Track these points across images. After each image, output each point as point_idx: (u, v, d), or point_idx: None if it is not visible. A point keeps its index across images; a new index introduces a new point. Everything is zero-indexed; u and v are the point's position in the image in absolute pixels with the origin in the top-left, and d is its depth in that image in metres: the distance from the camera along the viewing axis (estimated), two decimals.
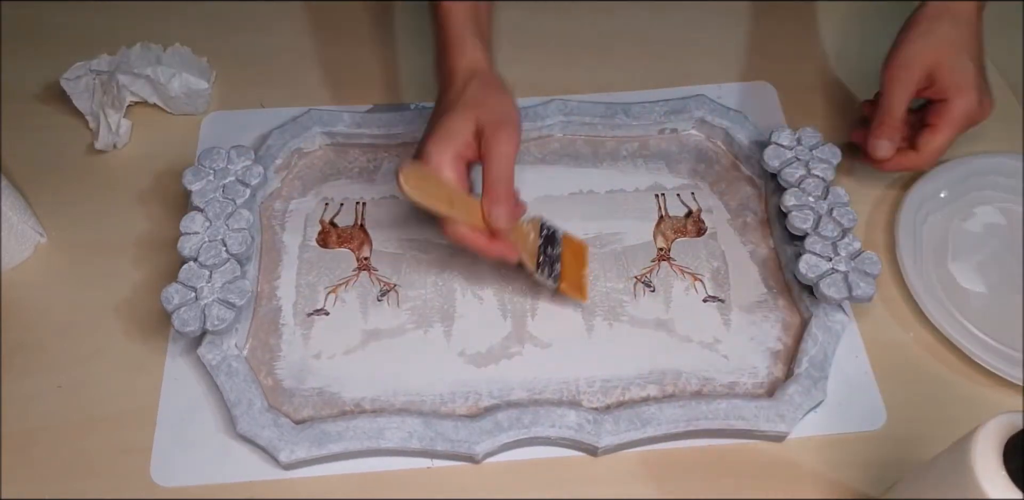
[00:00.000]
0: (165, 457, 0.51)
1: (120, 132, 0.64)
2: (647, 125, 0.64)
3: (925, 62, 0.55)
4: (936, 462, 0.41)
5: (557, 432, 0.50)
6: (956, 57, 0.55)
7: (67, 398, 0.53)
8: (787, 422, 0.50)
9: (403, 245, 0.60)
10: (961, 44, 0.55)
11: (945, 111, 0.55)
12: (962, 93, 0.55)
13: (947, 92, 0.55)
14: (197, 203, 0.56)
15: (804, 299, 0.55)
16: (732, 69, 0.70)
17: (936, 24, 0.55)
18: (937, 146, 0.56)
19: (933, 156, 0.56)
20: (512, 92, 0.53)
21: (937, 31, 0.55)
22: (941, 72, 0.55)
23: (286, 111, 0.65)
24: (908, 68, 0.55)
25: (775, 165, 0.59)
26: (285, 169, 0.63)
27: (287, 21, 0.73)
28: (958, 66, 0.55)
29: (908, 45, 0.56)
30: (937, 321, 0.55)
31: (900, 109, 0.56)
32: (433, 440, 0.50)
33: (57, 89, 0.65)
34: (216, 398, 0.53)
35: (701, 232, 0.60)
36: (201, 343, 0.53)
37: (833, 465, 0.51)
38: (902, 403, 0.53)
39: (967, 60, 0.55)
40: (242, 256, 0.54)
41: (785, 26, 0.73)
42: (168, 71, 0.64)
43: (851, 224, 0.55)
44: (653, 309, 0.57)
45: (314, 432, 0.50)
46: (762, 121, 0.65)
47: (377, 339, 0.56)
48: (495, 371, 0.54)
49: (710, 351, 0.55)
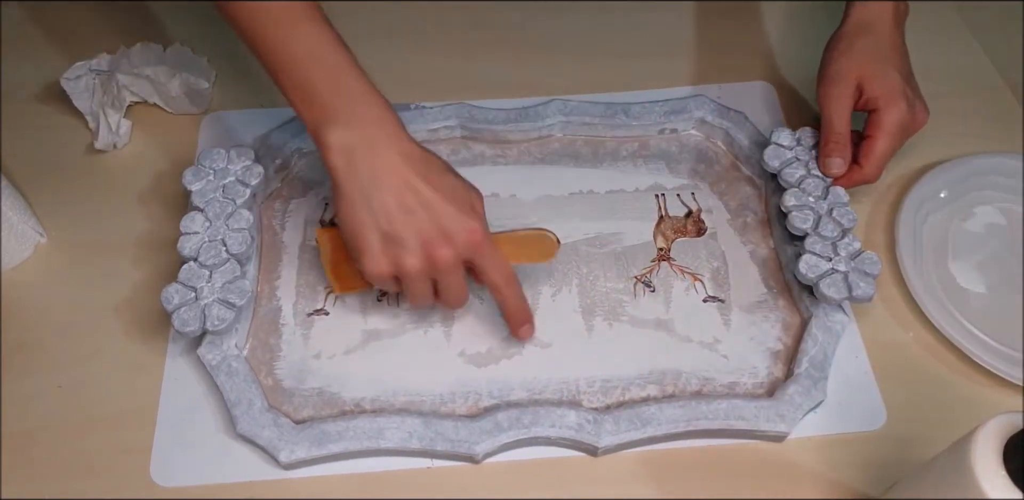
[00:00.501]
0: (165, 457, 0.51)
1: (120, 132, 0.64)
2: (647, 125, 0.64)
3: (852, 76, 0.57)
4: (936, 462, 0.41)
5: (557, 432, 0.50)
6: (879, 68, 0.57)
7: (67, 398, 0.53)
8: (787, 422, 0.50)
9: None
10: (883, 56, 0.57)
11: (877, 121, 0.56)
12: (891, 102, 0.56)
13: (876, 102, 0.56)
14: (197, 203, 0.56)
15: (804, 299, 0.55)
16: (732, 69, 0.70)
17: (855, 40, 0.58)
18: (877, 156, 0.57)
19: (877, 167, 0.57)
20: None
21: (857, 46, 0.58)
22: (867, 83, 0.57)
23: (286, 111, 0.65)
24: (838, 83, 0.57)
25: (775, 165, 0.59)
26: (285, 169, 0.63)
27: None
28: (881, 76, 0.56)
29: (833, 62, 0.58)
30: (937, 321, 0.55)
31: (843, 124, 0.57)
32: (433, 440, 0.50)
33: (57, 89, 0.65)
34: (216, 398, 0.53)
35: (701, 232, 0.60)
36: (201, 343, 0.53)
37: (833, 465, 0.51)
38: (902, 403, 0.53)
39: (891, 71, 0.57)
40: (242, 256, 0.54)
41: (785, 26, 0.74)
42: (168, 71, 0.64)
43: (851, 224, 0.55)
44: (653, 309, 0.57)
45: (314, 432, 0.50)
46: (762, 121, 0.65)
47: (377, 339, 0.56)
48: (495, 371, 0.54)
49: (710, 351, 0.55)
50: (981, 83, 0.69)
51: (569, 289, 0.58)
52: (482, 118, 0.64)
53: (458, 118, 0.64)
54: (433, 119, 0.64)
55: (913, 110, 0.57)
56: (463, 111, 0.64)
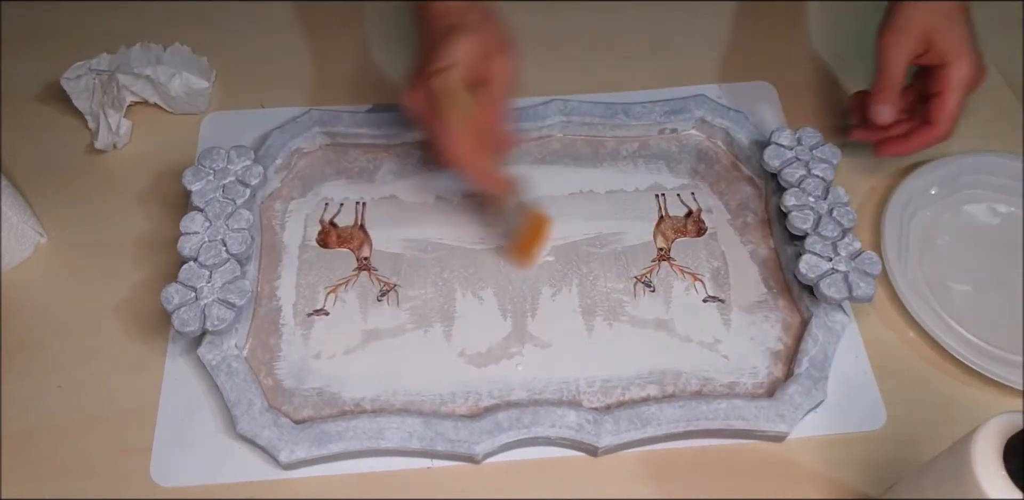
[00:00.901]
0: (165, 457, 0.51)
1: (120, 132, 0.64)
2: (647, 125, 0.64)
3: (921, 26, 0.55)
4: (936, 462, 0.41)
5: (557, 432, 0.50)
6: (951, 21, 0.55)
7: (67, 398, 0.53)
8: (787, 422, 0.50)
9: (403, 245, 0.60)
10: (953, 9, 0.55)
11: (946, 76, 0.55)
12: (961, 56, 0.54)
13: (946, 56, 0.55)
14: (197, 203, 0.56)
15: (804, 299, 0.55)
16: (732, 69, 0.70)
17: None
18: (950, 112, 0.55)
19: (950, 124, 0.56)
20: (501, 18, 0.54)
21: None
22: (938, 36, 0.55)
23: (286, 111, 0.65)
24: (904, 33, 0.55)
25: (775, 165, 0.59)
26: (285, 169, 0.62)
27: (287, 21, 0.73)
28: (954, 30, 0.55)
29: (902, 11, 0.56)
30: (920, 318, 0.55)
31: (899, 73, 0.56)
32: (433, 440, 0.50)
33: (57, 89, 0.65)
34: (216, 398, 0.53)
35: (701, 232, 0.60)
36: (201, 343, 0.53)
37: (833, 465, 0.51)
38: (902, 403, 0.53)
39: (962, 23, 0.55)
40: (242, 256, 0.54)
41: (785, 26, 0.73)
42: (168, 70, 0.64)
43: (851, 224, 0.55)
44: (653, 309, 0.57)
45: (314, 432, 0.50)
46: (762, 121, 0.65)
47: (377, 339, 0.56)
48: (495, 371, 0.54)
49: (710, 351, 0.55)
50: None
51: (569, 289, 0.58)
52: None
53: None
54: None
55: (980, 66, 0.55)
56: None
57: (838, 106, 0.67)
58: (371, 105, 0.66)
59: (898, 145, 0.58)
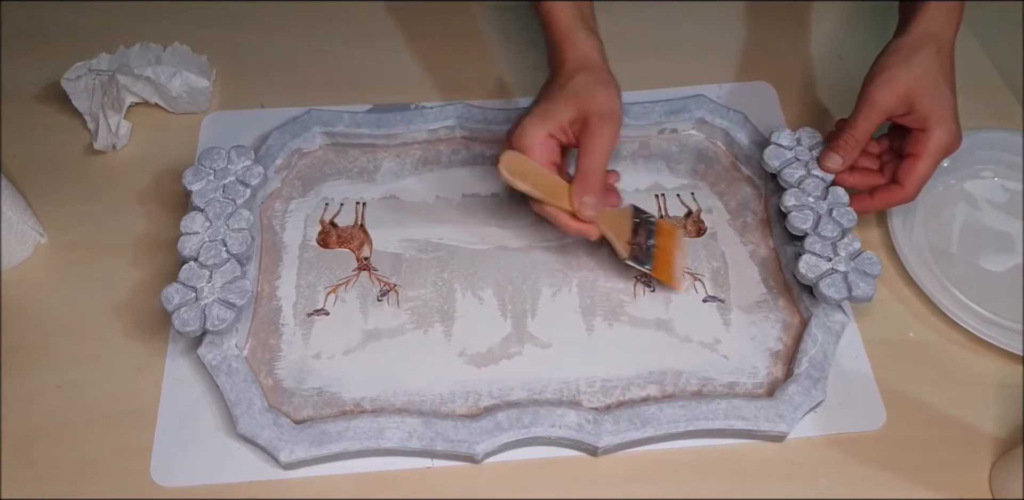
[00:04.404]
0: (165, 457, 0.51)
1: (119, 133, 0.63)
2: (647, 125, 0.64)
3: (904, 89, 0.54)
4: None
5: (557, 432, 0.50)
6: (936, 87, 0.54)
7: (67, 398, 0.53)
8: (787, 422, 0.50)
9: (403, 245, 0.60)
10: (941, 74, 0.55)
11: (925, 141, 0.54)
12: (942, 123, 0.54)
13: (927, 121, 0.54)
14: (197, 203, 0.56)
15: (804, 299, 0.55)
16: (732, 69, 0.70)
17: (918, 52, 0.55)
18: (920, 177, 0.55)
19: (917, 188, 0.55)
20: (619, 88, 0.54)
21: (919, 58, 0.54)
22: (921, 101, 0.54)
23: (286, 111, 0.65)
24: (885, 91, 0.54)
25: (775, 165, 0.59)
26: (285, 169, 0.63)
27: (287, 21, 0.73)
28: (938, 96, 0.54)
29: (888, 70, 0.55)
30: (921, 282, 0.57)
31: (865, 130, 0.56)
32: (433, 440, 0.50)
33: (57, 89, 0.65)
34: (216, 398, 0.53)
35: (701, 232, 0.60)
36: (201, 343, 0.53)
37: (833, 465, 0.51)
38: (902, 403, 0.53)
39: (946, 90, 0.55)
40: (242, 256, 0.54)
41: (785, 26, 0.74)
42: (168, 70, 0.64)
43: (851, 224, 0.55)
44: (653, 309, 0.57)
45: (314, 432, 0.50)
46: (762, 121, 0.65)
47: (377, 339, 0.56)
48: (495, 371, 0.54)
49: (710, 351, 0.55)
50: (981, 83, 0.69)
51: (569, 289, 0.58)
52: (482, 118, 0.64)
53: (458, 118, 0.64)
54: (433, 119, 0.64)
55: (958, 134, 0.55)
56: (463, 111, 0.64)
57: (838, 106, 0.67)
58: (371, 105, 0.66)
59: (864, 201, 0.57)
